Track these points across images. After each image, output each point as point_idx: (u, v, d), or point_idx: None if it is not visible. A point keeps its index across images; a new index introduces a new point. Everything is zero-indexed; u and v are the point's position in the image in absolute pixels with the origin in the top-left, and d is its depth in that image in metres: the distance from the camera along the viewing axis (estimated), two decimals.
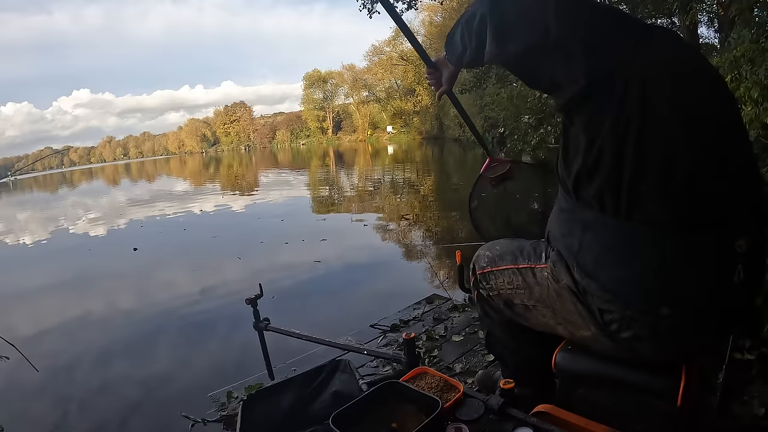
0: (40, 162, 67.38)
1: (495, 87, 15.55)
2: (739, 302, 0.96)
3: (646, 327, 0.98)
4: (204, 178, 26.10)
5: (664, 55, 0.91)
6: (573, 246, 1.02)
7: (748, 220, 0.92)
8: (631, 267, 0.95)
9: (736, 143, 0.94)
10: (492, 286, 1.27)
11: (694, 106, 0.89)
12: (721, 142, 0.90)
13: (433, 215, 8.16)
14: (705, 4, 10.47)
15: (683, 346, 1.01)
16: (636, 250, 0.94)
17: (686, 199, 0.88)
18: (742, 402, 1.61)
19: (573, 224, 1.03)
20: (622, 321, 1.00)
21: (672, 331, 0.97)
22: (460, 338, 2.50)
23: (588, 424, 1.03)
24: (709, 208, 0.89)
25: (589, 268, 1.00)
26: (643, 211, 0.90)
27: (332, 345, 2.11)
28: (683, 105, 0.88)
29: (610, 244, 0.96)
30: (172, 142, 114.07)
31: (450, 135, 32.83)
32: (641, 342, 1.00)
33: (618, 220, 0.93)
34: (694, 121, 0.88)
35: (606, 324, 1.02)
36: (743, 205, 0.92)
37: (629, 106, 0.87)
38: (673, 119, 0.87)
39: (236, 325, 3.53)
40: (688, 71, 0.92)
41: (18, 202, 22.86)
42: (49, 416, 2.77)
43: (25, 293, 5.77)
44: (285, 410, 1.56)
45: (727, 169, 0.90)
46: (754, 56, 3.91)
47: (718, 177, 0.89)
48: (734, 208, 0.91)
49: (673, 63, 0.91)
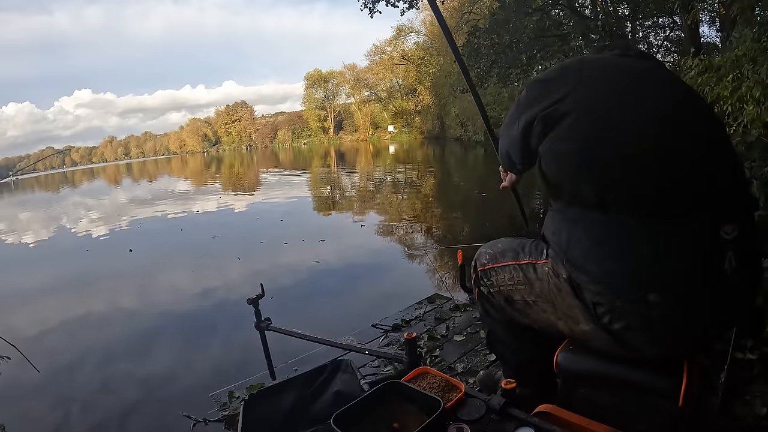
0: (41, 162, 67.59)
1: (497, 86, 15.53)
2: (734, 291, 0.96)
3: (636, 317, 0.98)
4: (205, 178, 26.12)
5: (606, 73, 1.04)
6: (562, 242, 1.05)
7: (730, 205, 0.93)
8: (619, 257, 0.97)
9: (701, 122, 0.99)
10: (493, 282, 1.29)
11: (633, 92, 0.99)
12: (682, 124, 0.95)
13: (435, 215, 8.16)
14: (706, 3, 10.45)
15: (676, 337, 1.00)
16: (624, 242, 0.96)
17: (655, 188, 0.92)
18: (743, 402, 1.61)
19: (562, 222, 1.06)
20: (613, 312, 1.00)
21: (662, 320, 0.97)
22: (462, 338, 2.50)
23: (589, 424, 1.03)
24: (681, 194, 0.92)
25: (579, 262, 1.02)
26: (626, 205, 0.94)
27: (334, 345, 2.11)
28: (623, 92, 0.99)
29: (599, 237, 0.99)
30: (173, 141, 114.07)
31: (451, 135, 32.81)
32: (633, 332, 1.01)
33: (602, 214, 0.97)
34: (639, 102, 0.97)
35: (599, 317, 1.03)
36: (719, 187, 0.93)
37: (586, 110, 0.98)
38: (623, 109, 0.97)
39: (237, 325, 3.53)
40: (641, 75, 1.03)
41: (19, 202, 22.91)
42: (50, 416, 2.78)
43: (21, 293, 5.77)
44: (286, 410, 1.56)
45: (692, 153, 0.93)
46: (756, 55, 3.89)
47: (684, 161, 0.92)
48: (710, 192, 0.93)
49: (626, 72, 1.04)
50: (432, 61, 38.29)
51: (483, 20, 14.55)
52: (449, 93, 29.84)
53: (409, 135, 48.50)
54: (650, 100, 0.97)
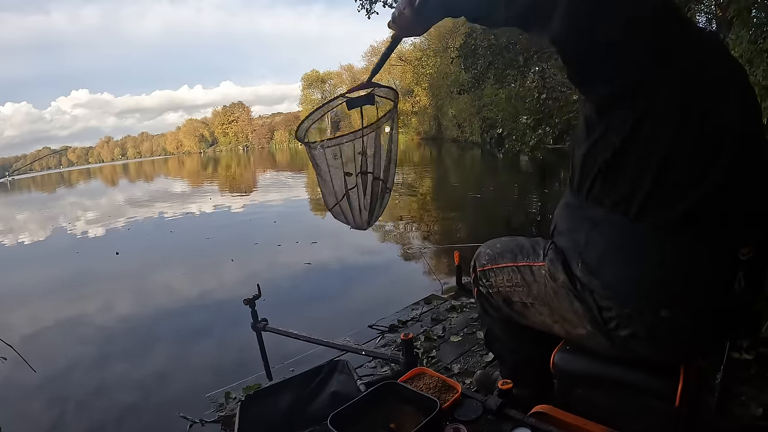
0: (38, 162, 67.29)
1: (493, 88, 15.56)
2: (739, 308, 0.97)
3: (644, 327, 0.98)
4: (201, 178, 26.04)
5: (704, 59, 0.91)
6: (579, 241, 1.03)
7: (754, 229, 0.93)
8: (635, 267, 0.95)
9: (757, 153, 0.93)
10: (492, 283, 1.29)
11: (725, 116, 0.88)
12: (746, 154, 0.90)
13: (432, 216, 8.16)
14: (703, 5, 10.49)
15: (680, 348, 1.01)
16: (641, 251, 0.94)
17: (701, 208, 0.88)
18: (740, 402, 1.61)
19: (580, 220, 1.03)
20: (620, 319, 1.00)
21: (670, 333, 0.97)
22: (459, 339, 2.50)
23: (586, 425, 1.04)
24: (722, 217, 0.89)
25: (593, 266, 1.00)
26: (654, 214, 0.90)
27: (330, 345, 2.10)
28: (715, 115, 0.88)
29: (617, 242, 0.97)
30: (170, 142, 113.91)
31: (448, 136, 32.87)
32: (638, 341, 1.01)
33: (627, 220, 0.93)
34: (724, 132, 0.88)
35: (605, 322, 1.03)
36: (748, 211, 0.92)
37: (669, 113, 0.87)
38: (705, 130, 0.87)
39: (234, 325, 3.51)
40: (723, 76, 0.92)
41: (13, 203, 22.81)
42: (47, 416, 2.76)
43: (13, 294, 5.74)
44: (283, 411, 1.55)
45: (746, 181, 0.90)
46: (752, 57, 3.92)
47: (738, 188, 0.89)
48: (744, 217, 0.91)
49: (712, 69, 0.91)
50: (429, 62, 38.27)
51: None
52: (446, 94, 29.85)
53: (406, 136, 48.46)
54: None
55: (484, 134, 21.72)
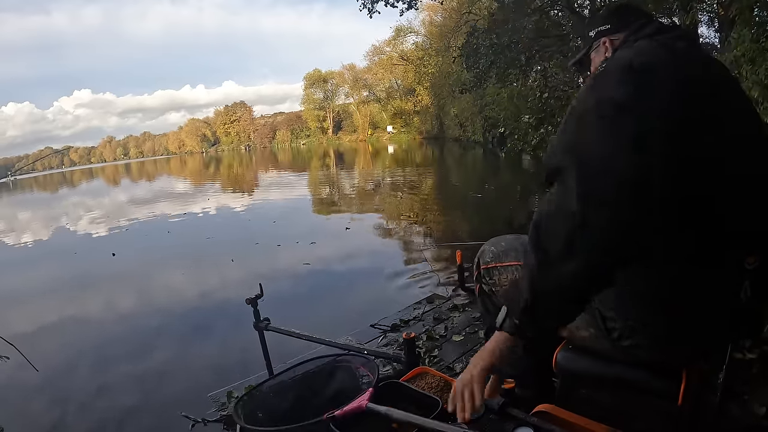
0: (40, 162, 67.42)
1: (495, 87, 15.53)
2: (744, 315, 0.97)
3: (647, 338, 0.99)
4: (203, 178, 26.09)
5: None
6: None
7: (759, 238, 0.92)
8: (639, 280, 0.94)
9: (762, 163, 0.93)
10: (495, 281, 1.28)
11: (735, 141, 0.88)
12: (750, 165, 0.90)
13: (434, 215, 8.15)
14: (705, 4, 10.45)
15: (683, 353, 1.02)
16: (645, 268, 0.92)
17: (707, 233, 0.87)
18: (742, 402, 1.61)
19: None
20: (623, 330, 1.01)
21: (674, 342, 0.97)
22: (461, 338, 2.50)
23: (589, 424, 1.03)
24: (727, 227, 0.88)
25: None
26: (663, 247, 0.88)
27: (332, 345, 2.10)
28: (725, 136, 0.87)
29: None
30: (172, 142, 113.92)
31: (450, 135, 32.81)
32: (641, 349, 1.01)
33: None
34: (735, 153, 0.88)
35: (608, 331, 1.03)
36: (755, 230, 0.91)
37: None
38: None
39: (236, 325, 3.52)
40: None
41: (16, 202, 22.88)
42: (49, 416, 2.77)
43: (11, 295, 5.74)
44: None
45: (754, 198, 0.89)
46: (755, 56, 3.91)
47: (743, 200, 0.88)
48: (751, 232, 0.91)
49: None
50: (431, 61, 38.21)
51: (482, 20, 14.56)
52: (448, 93, 29.79)
53: (408, 135, 48.49)
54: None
55: (486, 133, 21.67)
